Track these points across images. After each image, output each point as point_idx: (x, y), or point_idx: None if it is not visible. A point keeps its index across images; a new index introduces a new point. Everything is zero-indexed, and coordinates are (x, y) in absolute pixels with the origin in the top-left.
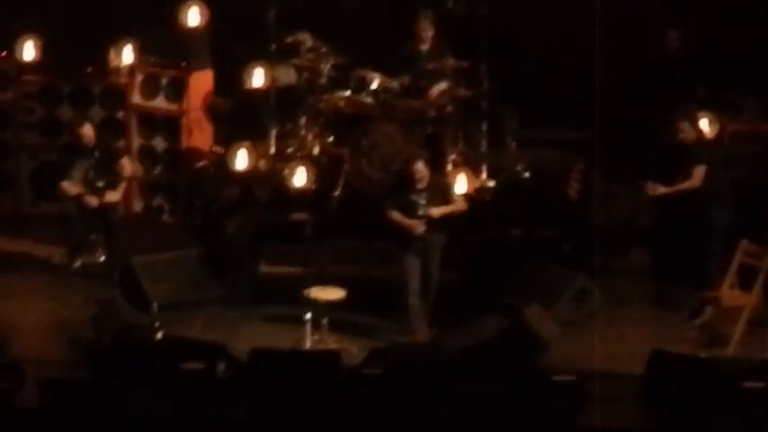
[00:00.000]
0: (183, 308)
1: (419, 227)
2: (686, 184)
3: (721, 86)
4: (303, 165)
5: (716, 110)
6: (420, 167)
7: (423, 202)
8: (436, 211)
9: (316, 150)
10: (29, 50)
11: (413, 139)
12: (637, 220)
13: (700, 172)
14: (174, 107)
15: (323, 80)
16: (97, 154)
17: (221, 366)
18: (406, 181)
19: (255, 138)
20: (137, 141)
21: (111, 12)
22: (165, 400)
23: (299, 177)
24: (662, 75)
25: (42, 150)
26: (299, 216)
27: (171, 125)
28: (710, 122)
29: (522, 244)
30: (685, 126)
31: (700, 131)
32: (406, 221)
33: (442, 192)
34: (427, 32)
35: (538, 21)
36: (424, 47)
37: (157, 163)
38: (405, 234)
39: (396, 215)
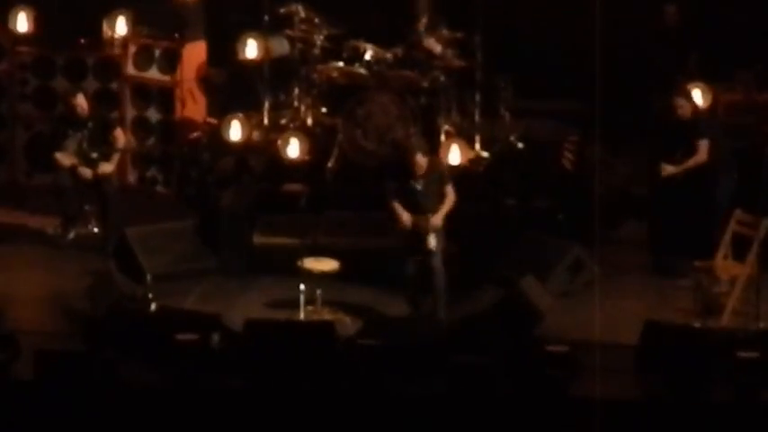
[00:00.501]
0: (178, 279)
1: (410, 223)
2: (693, 161)
3: (714, 57)
4: (297, 136)
5: (709, 81)
6: (420, 159)
7: (420, 188)
8: (437, 219)
9: (309, 121)
10: (22, 22)
11: (406, 109)
12: (632, 190)
13: (704, 146)
14: (167, 78)
15: (316, 51)
16: (91, 125)
17: (216, 337)
18: (405, 167)
19: (249, 109)
20: (130, 112)
21: None
22: (160, 372)
23: (293, 148)
24: (658, 46)
25: (36, 121)
26: (293, 187)
27: (164, 96)
28: (703, 93)
29: (516, 214)
30: (682, 102)
31: (696, 106)
32: (404, 217)
33: (439, 178)
34: (420, 10)
35: None
36: (419, 20)
37: (151, 134)
38: (407, 240)
39: (397, 206)
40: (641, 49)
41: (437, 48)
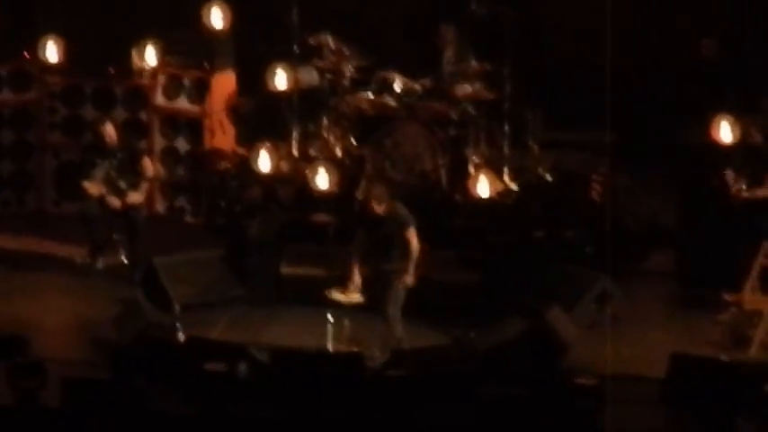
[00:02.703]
0: (206, 308)
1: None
2: (762, 192)
3: (750, 91)
4: (326, 166)
5: (744, 114)
6: (377, 208)
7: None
8: (409, 280)
9: (338, 152)
10: (52, 51)
11: (434, 140)
12: (660, 221)
13: None
14: (196, 108)
15: (345, 82)
16: (120, 154)
17: (243, 367)
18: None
19: (278, 139)
20: (159, 142)
21: (135, 12)
22: (188, 401)
23: (322, 179)
24: (693, 79)
25: (65, 150)
26: (321, 217)
27: (193, 126)
28: (732, 127)
29: (544, 246)
30: (754, 131)
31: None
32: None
33: (399, 224)
34: (448, 42)
35: (561, 22)
36: (447, 52)
37: (180, 164)
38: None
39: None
40: (675, 81)
41: (467, 90)
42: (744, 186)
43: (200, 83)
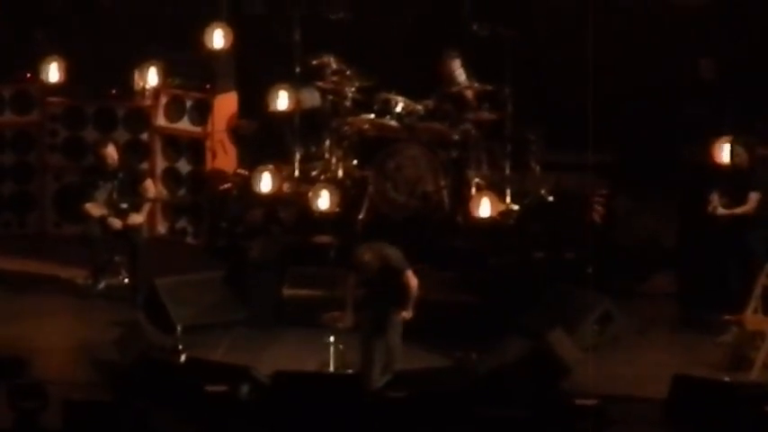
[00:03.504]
0: (207, 330)
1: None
2: (743, 209)
3: (749, 110)
4: (327, 188)
5: (744, 134)
6: (366, 263)
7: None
8: (404, 315)
9: (340, 173)
10: (53, 72)
11: (437, 162)
12: (661, 242)
13: (755, 198)
14: (198, 129)
15: (347, 103)
16: (121, 176)
17: (245, 389)
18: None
19: (280, 160)
20: (161, 163)
21: (136, 34)
22: (189, 423)
23: (324, 200)
24: (692, 99)
25: (66, 172)
26: (323, 239)
27: (195, 147)
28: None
29: (545, 267)
30: (740, 150)
31: (754, 156)
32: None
33: (394, 272)
34: (451, 71)
35: (562, 44)
36: (448, 73)
37: (181, 185)
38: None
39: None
40: (673, 101)
41: (469, 94)
42: (719, 205)
43: (202, 104)
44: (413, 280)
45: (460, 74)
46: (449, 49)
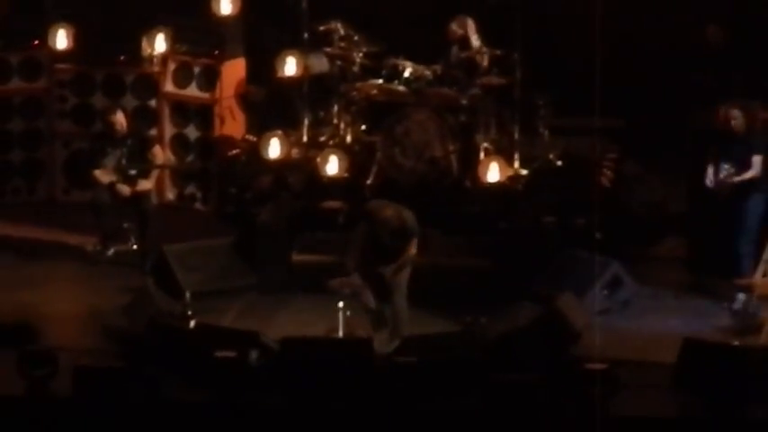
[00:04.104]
0: (216, 296)
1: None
2: (748, 174)
3: (756, 76)
4: (336, 153)
5: (750, 99)
6: (398, 217)
7: (388, 241)
8: (389, 273)
9: (348, 138)
10: (61, 39)
11: (445, 127)
12: (670, 206)
13: (757, 162)
14: (206, 95)
15: (355, 68)
16: (130, 142)
17: (254, 354)
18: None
19: (288, 126)
20: (169, 130)
21: (144, 0)
22: (198, 388)
23: (332, 165)
24: (698, 64)
25: (75, 139)
26: (331, 204)
27: (203, 113)
28: (743, 114)
29: (554, 232)
30: (737, 114)
31: (753, 120)
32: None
33: (407, 235)
34: (466, 35)
35: (572, 8)
36: (457, 38)
37: (190, 151)
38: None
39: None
40: (681, 66)
41: (479, 59)
42: (712, 178)
43: (210, 70)
44: (414, 248)
45: (476, 39)
46: (459, 21)
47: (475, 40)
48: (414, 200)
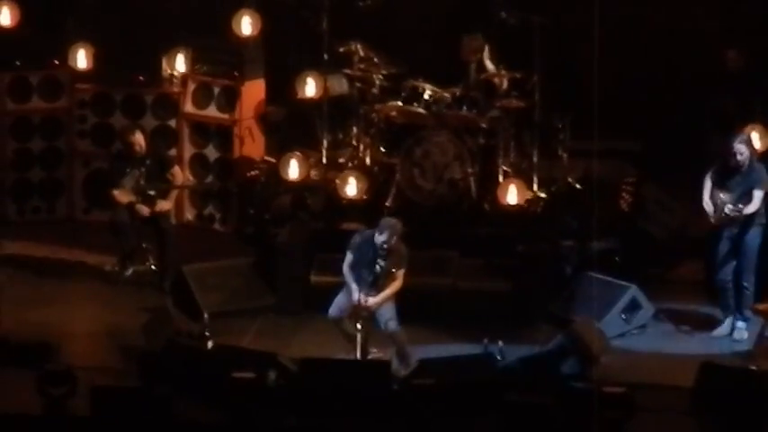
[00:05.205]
0: (235, 317)
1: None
2: (751, 209)
3: None
4: (355, 174)
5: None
6: (392, 242)
7: (380, 267)
8: (373, 302)
9: (368, 160)
10: (82, 59)
11: (464, 149)
12: (689, 230)
13: (758, 196)
14: (226, 116)
15: (375, 90)
16: (149, 162)
17: (272, 375)
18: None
19: (307, 147)
20: (189, 150)
21: (164, 20)
22: (216, 409)
23: (351, 187)
24: (719, 89)
25: (95, 158)
26: (350, 226)
27: (223, 134)
28: (761, 136)
29: (573, 255)
30: (742, 149)
31: (754, 152)
32: (355, 296)
33: (397, 262)
34: (471, 54)
35: (591, 32)
36: (476, 60)
37: (209, 172)
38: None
39: (348, 275)
40: (701, 90)
41: (498, 81)
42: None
43: (230, 91)
44: (401, 281)
45: (489, 63)
46: (472, 36)
47: (489, 65)
48: (432, 222)
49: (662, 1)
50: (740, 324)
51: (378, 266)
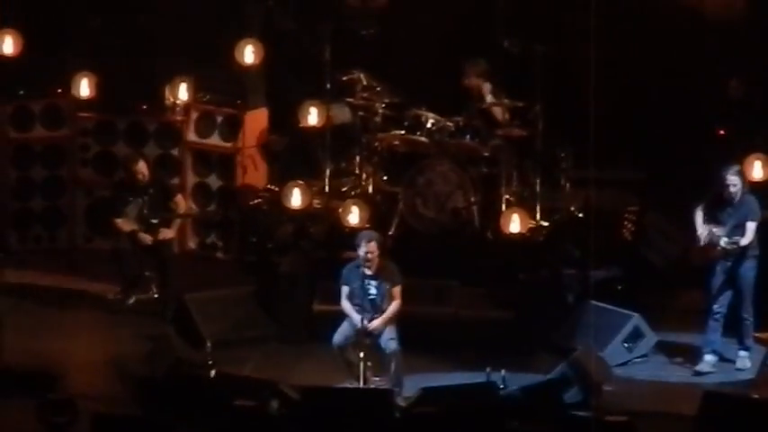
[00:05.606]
0: (237, 345)
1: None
2: (744, 241)
3: None
4: (357, 203)
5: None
6: (372, 248)
7: (373, 290)
8: (375, 324)
9: (370, 189)
10: (84, 87)
11: (466, 178)
12: (691, 259)
13: (751, 228)
14: (228, 145)
15: (377, 119)
16: (152, 191)
17: (274, 404)
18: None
19: (310, 176)
20: (191, 179)
21: (167, 49)
22: None
23: (354, 216)
24: (722, 119)
25: (97, 187)
26: (353, 254)
27: (226, 163)
28: (764, 165)
29: (575, 284)
30: (735, 180)
31: (748, 183)
32: (355, 318)
33: (390, 281)
34: (472, 81)
35: (593, 61)
36: (478, 89)
37: (212, 200)
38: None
39: (347, 306)
40: (704, 119)
41: (500, 113)
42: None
43: (233, 119)
44: (399, 299)
45: (490, 98)
46: (472, 66)
47: (489, 98)
48: (435, 250)
49: (665, 32)
50: (743, 353)
51: (372, 289)
